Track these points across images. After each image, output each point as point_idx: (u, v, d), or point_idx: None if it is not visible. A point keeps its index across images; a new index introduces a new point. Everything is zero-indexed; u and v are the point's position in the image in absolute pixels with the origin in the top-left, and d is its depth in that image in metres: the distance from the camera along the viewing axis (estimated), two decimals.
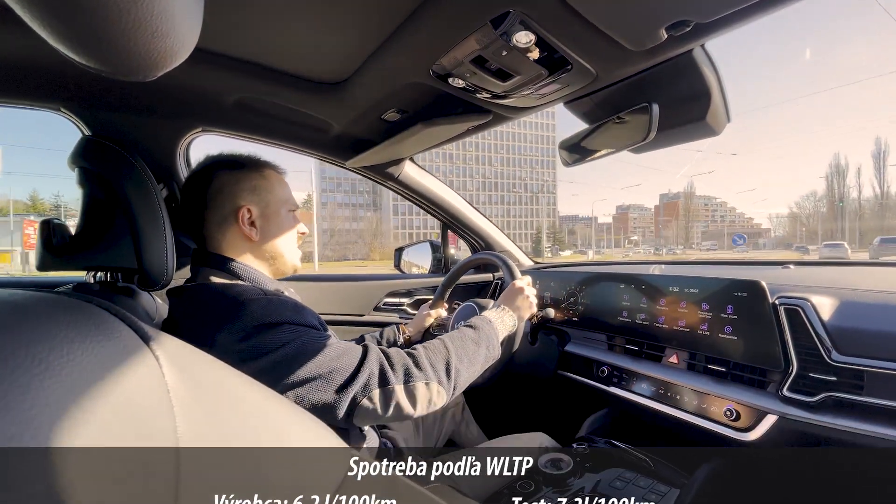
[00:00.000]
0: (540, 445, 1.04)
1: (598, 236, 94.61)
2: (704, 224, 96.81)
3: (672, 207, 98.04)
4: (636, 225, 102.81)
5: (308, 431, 0.36)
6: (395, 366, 0.68)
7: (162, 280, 0.74)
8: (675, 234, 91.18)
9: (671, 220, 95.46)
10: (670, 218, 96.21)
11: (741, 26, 0.61)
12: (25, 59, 0.86)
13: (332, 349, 0.66)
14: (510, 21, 0.63)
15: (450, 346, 0.75)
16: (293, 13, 0.72)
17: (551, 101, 0.89)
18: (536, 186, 72.46)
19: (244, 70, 0.91)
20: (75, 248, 0.72)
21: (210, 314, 0.64)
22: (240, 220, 0.75)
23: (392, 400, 0.66)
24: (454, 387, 0.73)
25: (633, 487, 0.83)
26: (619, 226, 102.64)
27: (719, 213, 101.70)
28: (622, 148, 0.88)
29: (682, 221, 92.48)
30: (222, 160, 0.79)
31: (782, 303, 0.79)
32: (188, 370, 0.26)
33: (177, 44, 0.27)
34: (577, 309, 1.22)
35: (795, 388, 0.75)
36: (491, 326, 0.84)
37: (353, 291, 1.63)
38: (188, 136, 1.20)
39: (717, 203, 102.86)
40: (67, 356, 0.20)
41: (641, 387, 0.99)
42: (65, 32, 0.24)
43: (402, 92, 0.92)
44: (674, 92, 0.76)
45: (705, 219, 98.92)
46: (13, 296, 0.23)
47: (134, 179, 0.69)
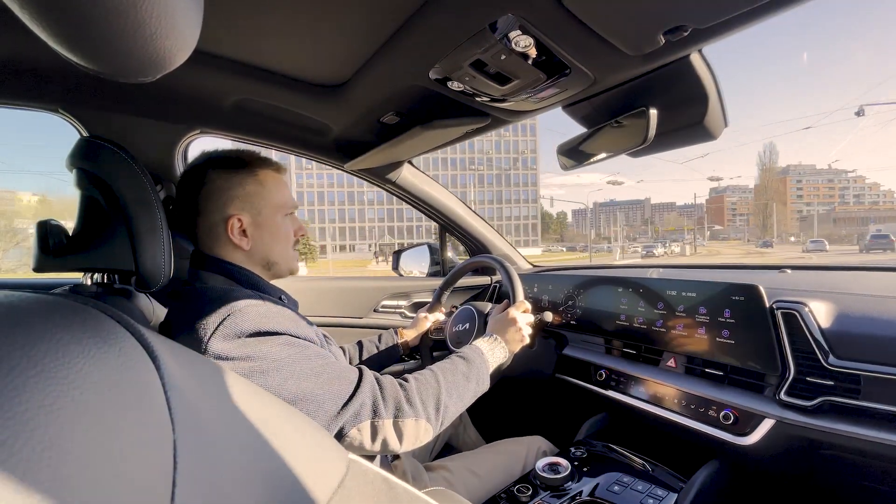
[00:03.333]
0: (537, 449, 1.04)
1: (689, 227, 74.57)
2: (828, 206, 72.23)
3: (780, 186, 74.55)
4: (735, 211, 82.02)
5: (306, 434, 0.36)
6: (387, 399, 0.67)
7: (159, 282, 0.73)
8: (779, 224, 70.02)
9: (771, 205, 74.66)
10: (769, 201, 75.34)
11: (738, 31, 0.61)
12: (24, 59, 0.86)
13: (326, 371, 0.64)
14: (509, 25, 0.63)
15: (441, 380, 0.74)
16: (292, 16, 0.72)
17: (549, 104, 0.90)
18: (508, 162, 66.67)
19: (243, 72, 0.91)
20: (72, 249, 0.71)
21: (206, 318, 0.63)
22: (229, 229, 0.73)
23: (380, 434, 0.65)
24: (441, 423, 0.72)
25: (630, 491, 0.83)
26: (713, 214, 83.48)
27: (851, 190, 77.36)
28: (620, 152, 0.88)
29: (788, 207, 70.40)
30: (216, 159, 0.76)
31: (779, 307, 0.79)
32: (185, 373, 0.26)
33: (176, 45, 0.27)
34: (576, 312, 1.22)
35: (792, 393, 0.75)
36: (482, 359, 0.82)
37: (351, 294, 1.62)
38: (187, 138, 1.20)
39: (848, 178, 76.04)
40: (63, 359, 0.20)
41: (639, 390, 0.99)
42: (63, 33, 0.24)
43: (400, 95, 0.93)
44: (671, 96, 0.77)
45: (829, 199, 75.73)
46: (8, 297, 0.23)
47: (132, 181, 0.69)
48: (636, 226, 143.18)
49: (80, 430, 0.18)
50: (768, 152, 78.88)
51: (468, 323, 1.06)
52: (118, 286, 0.82)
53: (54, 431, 0.17)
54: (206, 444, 0.24)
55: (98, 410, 0.20)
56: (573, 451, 0.97)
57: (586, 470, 0.90)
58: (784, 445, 0.75)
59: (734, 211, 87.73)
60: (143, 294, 0.88)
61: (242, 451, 0.27)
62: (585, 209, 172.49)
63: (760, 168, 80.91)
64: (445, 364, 0.79)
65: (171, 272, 0.73)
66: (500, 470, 0.95)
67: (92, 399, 0.20)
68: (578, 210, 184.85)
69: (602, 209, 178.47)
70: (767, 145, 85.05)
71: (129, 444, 0.20)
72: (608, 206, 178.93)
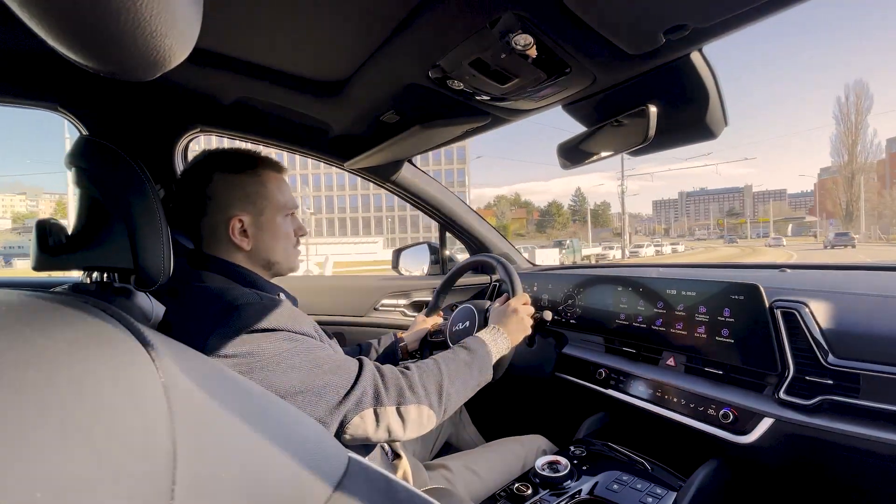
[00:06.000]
0: (537, 448, 1.04)
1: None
2: None
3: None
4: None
5: (306, 433, 0.36)
6: (389, 386, 0.67)
7: (158, 281, 0.73)
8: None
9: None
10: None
11: (739, 30, 0.61)
12: (23, 57, 0.86)
13: (326, 362, 0.64)
14: (509, 24, 0.63)
15: (443, 368, 0.74)
16: (292, 14, 0.72)
17: (550, 103, 0.90)
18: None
19: (243, 71, 0.91)
20: (72, 248, 0.71)
21: (204, 317, 0.63)
22: (231, 230, 0.73)
23: (383, 421, 0.65)
24: (444, 410, 0.72)
25: (629, 490, 0.83)
26: (824, 200, 65.94)
27: None
28: (620, 151, 0.88)
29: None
30: (219, 159, 0.76)
31: (779, 306, 0.79)
32: (185, 372, 0.26)
33: (175, 43, 0.27)
34: (575, 311, 1.22)
35: (792, 392, 0.75)
36: (485, 349, 0.83)
37: (351, 293, 1.63)
38: (186, 137, 1.20)
39: None
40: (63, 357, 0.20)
41: (639, 389, 0.99)
42: (62, 31, 0.23)
43: (400, 94, 0.92)
44: (672, 95, 0.77)
45: None
46: (7, 296, 0.23)
47: (131, 180, 0.69)
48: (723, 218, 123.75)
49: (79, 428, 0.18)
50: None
51: (468, 321, 1.06)
52: (118, 285, 0.82)
53: (54, 430, 0.17)
54: (205, 441, 0.24)
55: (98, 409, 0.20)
56: (573, 449, 0.97)
57: (586, 468, 0.90)
58: (783, 444, 0.75)
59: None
60: (143, 293, 0.88)
61: (242, 448, 0.27)
62: (661, 201, 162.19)
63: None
64: (448, 353, 0.80)
65: (171, 271, 0.73)
66: (499, 469, 0.95)
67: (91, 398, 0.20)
68: (661, 201, 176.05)
69: (690, 199, 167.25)
70: None
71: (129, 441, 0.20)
72: (697, 196, 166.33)
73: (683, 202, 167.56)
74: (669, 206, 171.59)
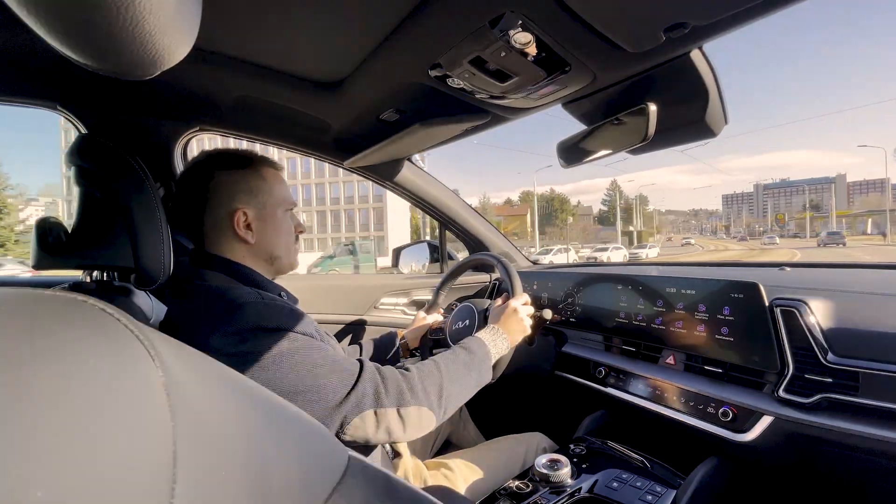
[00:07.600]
0: (537, 446, 1.04)
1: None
2: None
3: None
4: None
5: (306, 432, 0.36)
6: (389, 387, 0.67)
7: (159, 279, 0.73)
8: None
9: None
10: None
11: (739, 28, 0.61)
12: (22, 56, 0.85)
13: (326, 363, 0.65)
14: (509, 22, 0.63)
15: (443, 369, 0.74)
16: (292, 12, 0.72)
17: (549, 102, 0.89)
18: None
19: (242, 69, 0.91)
20: (71, 246, 0.71)
21: (206, 316, 0.63)
22: (235, 223, 0.74)
23: (383, 422, 0.65)
24: (444, 412, 0.72)
25: (629, 488, 0.83)
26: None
27: None
28: (620, 149, 0.88)
29: None
30: (219, 158, 0.77)
31: (778, 304, 0.79)
32: (185, 370, 0.26)
33: (175, 42, 0.27)
34: (575, 310, 1.22)
35: (791, 390, 0.75)
36: (484, 349, 0.83)
37: (351, 292, 1.63)
38: (186, 136, 1.20)
39: None
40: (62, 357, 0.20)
41: (638, 387, 0.99)
42: (62, 30, 0.23)
43: (400, 92, 0.92)
44: (672, 93, 0.77)
45: None
46: (6, 295, 0.23)
47: (131, 178, 0.69)
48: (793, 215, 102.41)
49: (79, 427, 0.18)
50: None
51: (468, 319, 1.06)
52: (117, 284, 0.82)
53: (53, 429, 0.17)
54: (206, 440, 0.24)
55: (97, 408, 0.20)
56: (572, 447, 0.98)
57: (585, 466, 0.90)
58: (782, 442, 0.75)
59: None
60: (143, 292, 0.88)
61: (243, 447, 0.27)
62: (734, 195, 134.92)
63: None
64: (447, 354, 0.80)
65: (171, 269, 0.73)
66: (499, 467, 0.95)
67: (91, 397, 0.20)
68: (732, 196, 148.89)
69: (768, 192, 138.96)
70: None
71: (129, 440, 0.20)
72: (777, 189, 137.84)
73: (760, 196, 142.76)
74: (742, 201, 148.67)
